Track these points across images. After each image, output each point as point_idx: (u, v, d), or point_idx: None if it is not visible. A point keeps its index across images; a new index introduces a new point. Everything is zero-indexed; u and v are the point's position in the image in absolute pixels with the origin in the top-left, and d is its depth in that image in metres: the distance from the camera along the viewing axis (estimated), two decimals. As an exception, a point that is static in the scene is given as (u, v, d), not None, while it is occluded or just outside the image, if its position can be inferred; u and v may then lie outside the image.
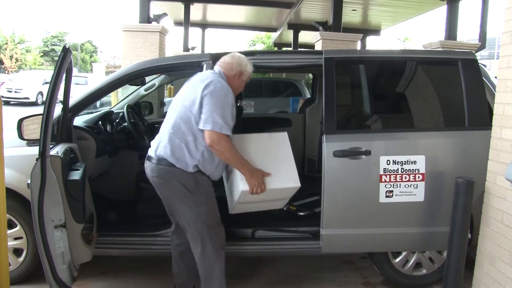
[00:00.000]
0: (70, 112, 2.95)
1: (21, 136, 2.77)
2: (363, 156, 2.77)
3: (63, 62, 2.43)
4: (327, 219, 2.82)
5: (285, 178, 2.60)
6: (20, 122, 2.77)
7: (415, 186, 2.78)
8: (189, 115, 2.42)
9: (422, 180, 2.77)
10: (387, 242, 2.92)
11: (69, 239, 2.47)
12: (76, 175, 2.58)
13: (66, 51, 2.46)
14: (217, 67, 2.62)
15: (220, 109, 2.38)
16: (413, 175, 2.77)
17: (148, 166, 2.55)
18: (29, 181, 2.36)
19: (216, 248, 2.54)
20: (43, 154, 2.33)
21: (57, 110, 2.73)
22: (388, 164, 2.77)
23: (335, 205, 2.82)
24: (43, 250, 2.39)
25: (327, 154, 2.77)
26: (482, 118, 2.87)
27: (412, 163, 2.77)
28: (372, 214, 2.82)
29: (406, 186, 2.77)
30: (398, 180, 2.77)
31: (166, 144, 2.44)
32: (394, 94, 3.51)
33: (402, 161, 2.77)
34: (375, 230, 2.85)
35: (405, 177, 2.77)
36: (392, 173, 2.77)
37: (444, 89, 3.30)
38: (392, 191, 2.77)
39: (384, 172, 2.77)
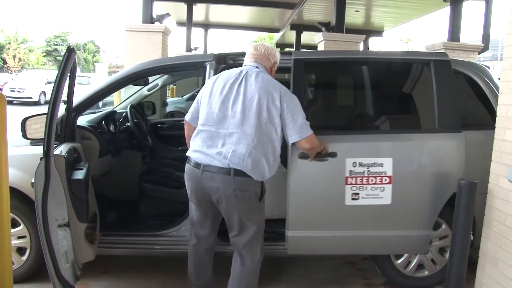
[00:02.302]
0: (74, 111, 2.96)
1: (24, 135, 2.78)
2: (329, 158, 2.72)
3: (68, 62, 2.43)
4: (292, 220, 2.79)
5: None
6: (24, 121, 2.78)
7: (382, 189, 2.73)
8: (270, 128, 2.39)
9: (389, 183, 2.73)
10: (354, 245, 2.88)
11: (73, 238, 2.48)
12: (79, 174, 2.58)
13: (70, 51, 2.46)
14: (253, 62, 2.53)
15: (302, 113, 2.45)
16: (380, 177, 2.73)
17: (215, 178, 2.35)
18: (33, 180, 2.37)
19: (262, 256, 2.57)
20: (47, 153, 2.33)
21: (61, 110, 2.74)
22: (354, 167, 2.72)
23: (301, 207, 2.78)
24: (46, 249, 2.39)
25: (292, 155, 2.72)
26: (453, 120, 2.85)
27: (378, 166, 2.73)
28: (338, 216, 2.79)
29: (373, 188, 2.73)
30: (364, 182, 2.73)
31: (245, 158, 2.33)
32: (363, 96, 3.50)
33: (369, 164, 2.73)
34: (341, 233, 2.82)
35: (372, 180, 2.73)
36: (358, 175, 2.73)
37: (414, 91, 3.30)
38: (358, 194, 2.73)
39: (350, 175, 2.72)
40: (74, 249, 2.51)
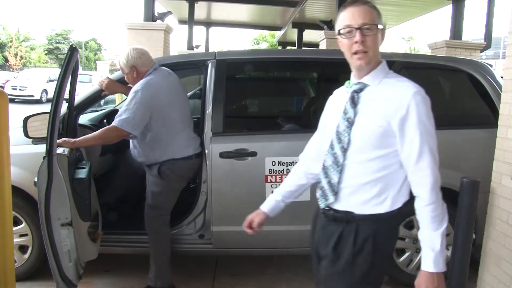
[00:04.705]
0: (76, 110, 2.96)
1: (26, 134, 2.78)
2: (249, 157, 2.82)
3: (70, 60, 2.43)
4: (216, 217, 2.90)
5: None
6: (26, 120, 2.78)
7: None
8: None
9: None
10: (277, 239, 2.97)
11: (76, 237, 2.49)
12: (82, 173, 2.59)
13: (73, 50, 2.46)
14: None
15: None
16: None
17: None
18: (35, 179, 2.37)
19: None
20: (50, 152, 2.33)
21: (63, 108, 2.73)
22: (274, 165, 2.83)
23: (223, 204, 2.90)
24: (49, 248, 2.40)
25: (213, 155, 2.84)
26: None
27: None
28: None
29: None
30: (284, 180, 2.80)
31: None
32: (283, 96, 3.57)
33: (287, 162, 2.82)
34: (264, 228, 2.87)
35: None
36: (277, 173, 2.83)
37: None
38: None
39: (269, 173, 2.84)
40: (77, 247, 2.51)
